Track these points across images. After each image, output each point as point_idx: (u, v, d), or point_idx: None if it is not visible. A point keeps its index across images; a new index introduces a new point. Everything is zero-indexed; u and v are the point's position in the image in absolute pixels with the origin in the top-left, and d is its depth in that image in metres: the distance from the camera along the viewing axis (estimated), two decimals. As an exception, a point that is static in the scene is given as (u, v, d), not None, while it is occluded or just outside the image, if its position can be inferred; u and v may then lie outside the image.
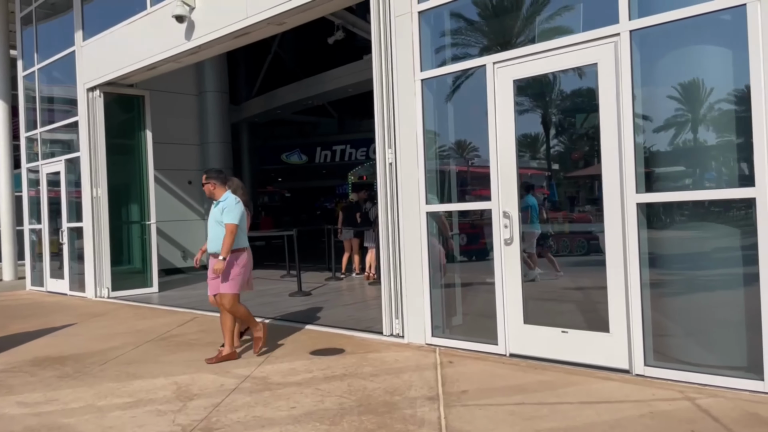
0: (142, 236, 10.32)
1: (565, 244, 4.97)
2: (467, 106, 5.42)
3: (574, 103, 4.73)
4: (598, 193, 4.32)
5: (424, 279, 5.36)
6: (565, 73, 4.51)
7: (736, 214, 3.92)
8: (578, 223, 4.85)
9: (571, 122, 4.79)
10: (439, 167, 5.62)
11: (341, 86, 21.24)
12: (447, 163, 5.72)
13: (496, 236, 4.81)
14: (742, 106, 3.75)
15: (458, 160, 5.66)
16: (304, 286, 9.94)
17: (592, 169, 4.49)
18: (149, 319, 7.54)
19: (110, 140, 10.00)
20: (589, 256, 4.72)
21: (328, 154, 33.50)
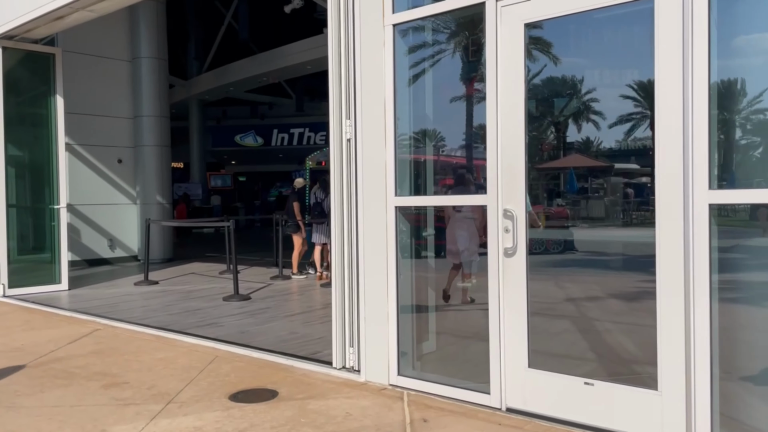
0: (50, 223, 8.61)
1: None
2: (456, 63, 4.04)
3: (610, 60, 3.39)
4: (647, 190, 3.01)
5: (389, 296, 3.97)
6: (601, 13, 3.15)
7: None
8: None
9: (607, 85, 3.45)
10: (414, 147, 4.22)
11: (299, 62, 19.61)
12: (424, 142, 4.33)
13: (492, 244, 3.45)
14: None
15: (439, 139, 4.28)
16: (246, 285, 8.45)
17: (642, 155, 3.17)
18: (38, 329, 5.94)
19: (11, 106, 8.24)
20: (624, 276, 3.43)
21: (285, 137, 31.74)
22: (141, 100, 12.30)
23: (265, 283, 8.97)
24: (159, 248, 12.29)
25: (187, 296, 7.90)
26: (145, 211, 12.23)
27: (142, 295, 8.10)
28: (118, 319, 6.30)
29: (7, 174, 8.13)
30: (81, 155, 11.74)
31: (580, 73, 3.58)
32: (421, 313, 4.40)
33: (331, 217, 8.84)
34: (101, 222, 12.00)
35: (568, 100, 3.80)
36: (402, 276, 4.06)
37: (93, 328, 5.93)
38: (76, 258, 11.60)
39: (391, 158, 3.94)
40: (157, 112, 12.39)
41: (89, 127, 11.78)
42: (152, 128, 12.36)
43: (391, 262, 3.95)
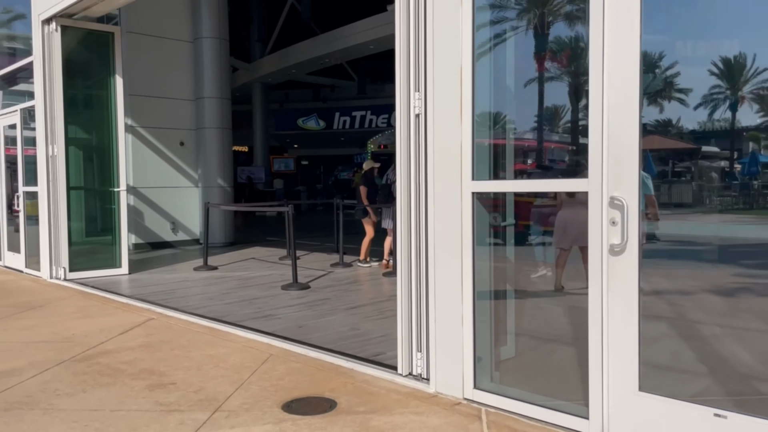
0: (111, 206, 8.50)
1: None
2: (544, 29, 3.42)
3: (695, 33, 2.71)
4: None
5: (464, 295, 3.42)
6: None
7: None
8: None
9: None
10: (494, 125, 3.63)
11: (362, 42, 19.10)
12: (501, 120, 3.74)
13: (594, 239, 2.84)
14: None
15: (526, 114, 3.68)
16: (306, 273, 8.10)
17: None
18: (92, 317, 5.73)
19: (72, 88, 8.12)
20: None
21: (347, 120, 31.43)
22: (202, 81, 12.12)
23: (325, 270, 8.59)
24: (220, 232, 12.16)
25: (245, 283, 7.60)
26: (206, 194, 12.10)
27: (199, 281, 7.87)
28: (172, 308, 6.03)
29: (68, 156, 8.03)
30: (144, 137, 11.69)
31: (663, 47, 2.96)
32: (498, 312, 3.84)
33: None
34: (164, 205, 11.96)
35: (652, 78, 3.21)
36: (477, 272, 3.51)
37: (146, 318, 5.67)
38: (140, 241, 11.62)
39: (468, 136, 3.36)
40: (218, 94, 12.18)
41: (152, 110, 11.71)
42: (213, 110, 12.17)
43: (466, 256, 3.39)
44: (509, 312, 4.01)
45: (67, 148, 8.04)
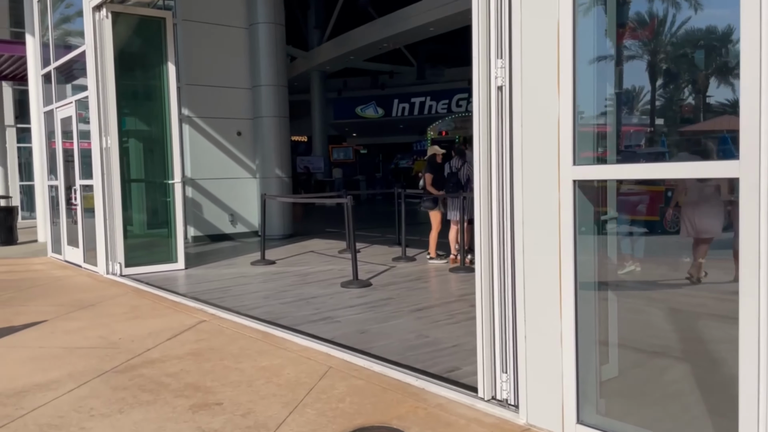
0: (166, 199, 8.23)
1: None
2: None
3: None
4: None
5: (564, 307, 2.78)
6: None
7: None
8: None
9: None
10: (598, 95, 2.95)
11: (421, 24, 18.41)
12: (610, 93, 3.04)
13: (748, 236, 2.14)
14: None
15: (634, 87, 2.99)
16: (367, 267, 7.58)
17: None
18: (142, 318, 5.38)
19: (124, 77, 7.86)
20: None
21: (406, 107, 30.77)
22: (259, 68, 11.76)
23: (386, 265, 8.04)
24: (279, 224, 11.83)
25: (303, 280, 7.14)
26: (264, 185, 11.78)
27: (256, 277, 7.47)
28: (226, 308, 5.62)
29: (121, 148, 7.78)
30: (201, 128, 11.45)
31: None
32: (600, 324, 3.16)
33: (468, 189, 7.71)
34: (222, 197, 11.72)
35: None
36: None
37: (198, 319, 5.27)
38: (198, 233, 11.43)
39: (567, 111, 2.70)
40: (274, 81, 11.79)
41: (208, 99, 11.45)
42: (270, 98, 11.79)
43: (566, 258, 2.74)
44: (611, 320, 3.33)
45: (121, 140, 7.80)
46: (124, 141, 7.99)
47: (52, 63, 9.31)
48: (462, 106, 29.17)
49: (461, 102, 29.39)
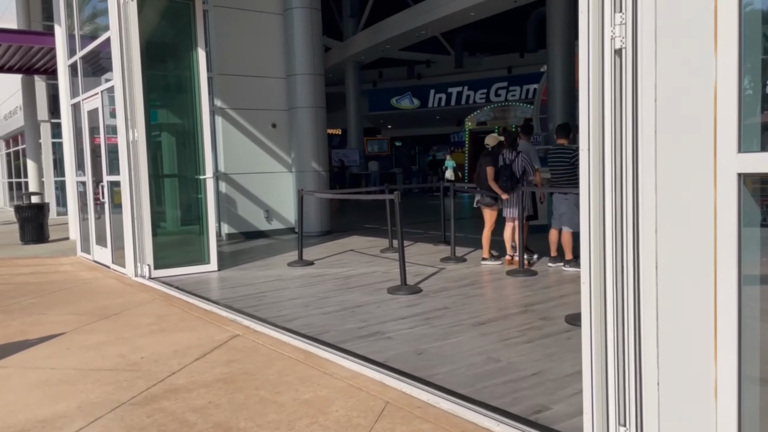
0: (197, 195, 7.67)
1: None
2: None
3: None
4: None
5: (721, 345, 2.02)
6: None
7: None
8: None
9: None
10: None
11: (461, 9, 17.57)
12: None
13: None
14: None
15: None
16: (413, 270, 6.89)
17: None
18: (168, 332, 4.79)
19: (151, 66, 7.31)
20: None
21: (443, 97, 29.95)
22: (294, 56, 11.13)
23: (435, 267, 7.33)
24: (316, 220, 11.22)
25: (345, 284, 6.49)
26: (300, 179, 11.18)
27: (294, 280, 6.85)
28: (261, 320, 4.99)
29: (150, 142, 7.23)
30: (234, 120, 10.89)
31: None
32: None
33: (525, 182, 6.93)
34: (257, 192, 11.16)
35: None
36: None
37: (231, 333, 4.65)
38: (233, 230, 10.90)
39: (731, 77, 1.94)
40: (310, 70, 11.15)
41: (241, 90, 10.89)
42: (306, 88, 11.16)
43: (726, 279, 1.99)
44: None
45: (149, 133, 7.25)
46: (153, 134, 7.45)
47: (78, 53, 8.83)
48: (501, 96, 28.20)
49: (500, 91, 28.42)
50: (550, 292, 5.76)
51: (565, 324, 4.56)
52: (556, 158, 6.84)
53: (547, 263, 7.11)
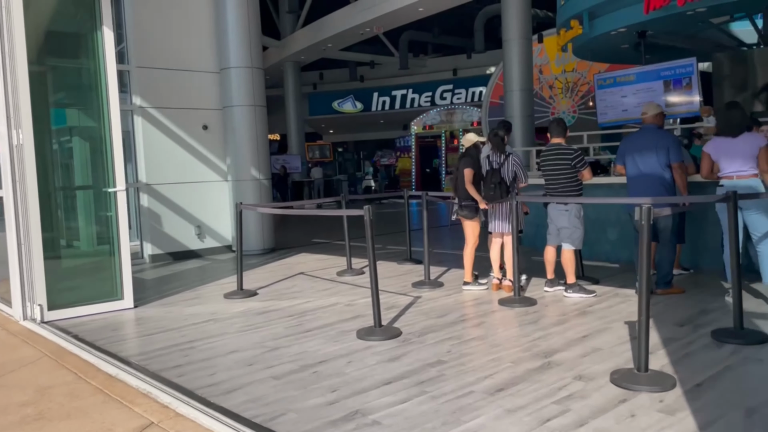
0: (106, 213, 6.07)
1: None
2: None
3: None
4: None
5: None
6: None
7: None
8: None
9: None
10: None
11: (409, 4, 16.44)
12: None
13: None
14: None
15: None
16: (381, 297, 5.50)
17: None
18: (48, 421, 3.26)
19: (43, 53, 5.71)
20: None
21: (387, 100, 28.83)
22: (227, 46, 9.61)
23: (407, 294, 6.02)
24: (257, 237, 9.73)
25: (300, 324, 5.08)
26: (238, 190, 9.66)
27: (233, 320, 5.38)
28: (188, 393, 3.53)
29: (43, 146, 5.60)
30: (157, 121, 9.26)
31: None
32: None
33: (515, 190, 5.68)
34: (186, 205, 9.54)
35: None
36: None
37: (141, 423, 3.17)
38: (158, 251, 9.25)
39: None
40: (247, 62, 9.66)
41: (165, 85, 9.28)
42: (243, 83, 9.65)
43: None
44: None
45: (43, 136, 5.62)
46: (48, 137, 5.80)
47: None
48: (446, 99, 27.34)
49: (446, 94, 27.57)
50: (564, 330, 4.55)
51: (612, 386, 3.34)
52: (553, 160, 5.66)
53: (544, 288, 5.93)
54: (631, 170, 5.50)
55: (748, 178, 4.79)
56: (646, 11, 7.84)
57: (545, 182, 5.82)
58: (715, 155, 4.92)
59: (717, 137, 4.96)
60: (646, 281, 3.32)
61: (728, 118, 4.84)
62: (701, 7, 7.46)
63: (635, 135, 5.62)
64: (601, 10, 8.78)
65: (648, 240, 3.35)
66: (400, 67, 24.99)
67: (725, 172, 4.89)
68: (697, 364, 3.66)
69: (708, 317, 4.70)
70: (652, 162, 5.31)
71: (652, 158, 5.30)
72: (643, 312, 3.34)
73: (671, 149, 5.24)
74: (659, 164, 5.29)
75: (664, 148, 5.25)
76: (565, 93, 19.80)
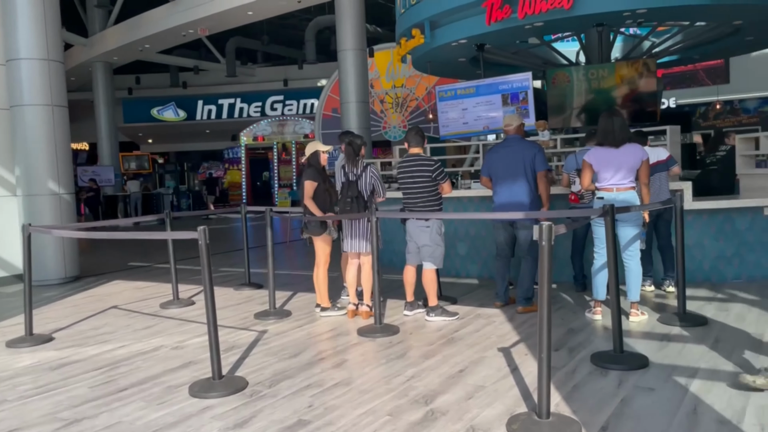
0: None
1: None
2: None
3: None
4: None
5: None
6: None
7: None
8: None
9: None
10: None
11: (238, 6, 15.42)
12: None
13: None
14: None
15: None
16: (220, 332, 4.54)
17: None
18: None
19: None
20: None
21: (213, 109, 27.13)
22: (15, 33, 7.89)
23: (250, 328, 5.10)
24: (57, 263, 8.08)
25: (112, 380, 3.94)
26: (31, 206, 7.94)
27: (15, 380, 4.05)
28: None
29: None
30: None
31: None
32: None
33: (373, 204, 4.95)
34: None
35: None
36: None
37: None
38: None
39: None
40: (42, 53, 8.01)
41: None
42: (36, 78, 7.97)
43: None
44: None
45: None
46: None
47: None
48: (277, 109, 26.44)
49: (276, 105, 26.65)
50: (438, 364, 3.99)
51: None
52: (412, 173, 5.15)
53: (403, 311, 5.37)
54: (497, 181, 5.25)
55: (626, 191, 4.65)
56: (488, 22, 7.77)
57: (403, 196, 5.29)
58: (596, 166, 4.73)
59: (598, 147, 4.77)
60: (547, 318, 2.85)
61: (609, 127, 4.68)
62: (539, 21, 7.54)
63: (500, 146, 5.35)
64: (443, 19, 8.62)
65: (549, 262, 2.88)
66: (228, 74, 23.57)
67: (605, 184, 4.72)
68: (590, 400, 3.28)
69: (578, 338, 4.45)
70: (519, 172, 5.10)
71: (519, 168, 5.10)
72: (544, 349, 2.85)
73: (537, 158, 5.05)
74: (525, 174, 5.09)
75: (530, 158, 5.05)
76: (396, 108, 20.02)
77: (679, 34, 9.96)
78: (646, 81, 8.46)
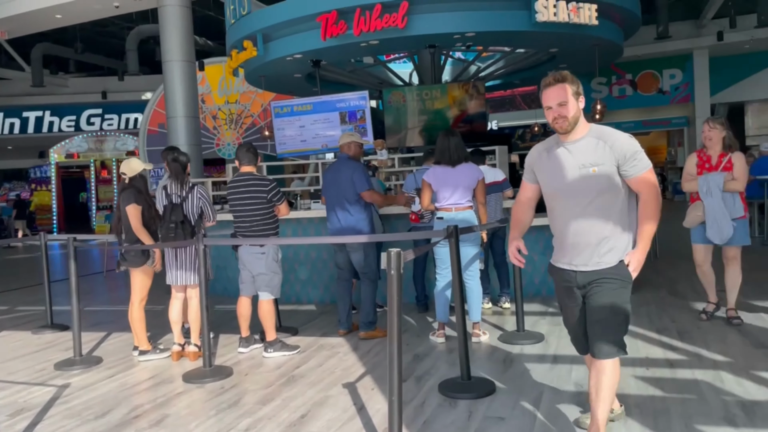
0: None
1: None
2: None
3: None
4: None
5: None
6: None
7: None
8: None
9: None
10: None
11: (44, 7, 13.70)
12: None
13: None
14: None
15: None
16: (6, 390, 3.69)
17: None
18: None
19: None
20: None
21: (17, 122, 24.06)
22: None
23: (48, 384, 4.23)
24: None
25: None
26: None
27: None
28: None
29: None
30: None
31: None
32: None
33: (201, 230, 4.40)
34: None
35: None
36: None
37: None
38: None
39: None
40: None
41: None
42: None
43: None
44: None
45: None
46: None
47: None
48: (95, 124, 24.11)
49: (94, 119, 24.31)
50: (277, 410, 3.54)
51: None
52: (244, 193, 4.67)
53: (238, 348, 4.83)
54: (328, 203, 5.03)
55: (465, 210, 4.57)
56: (323, 37, 7.54)
57: (234, 219, 4.78)
58: (435, 185, 4.60)
59: (436, 166, 4.65)
60: (397, 358, 2.55)
61: (445, 146, 4.59)
62: (374, 39, 7.47)
63: (332, 166, 5.11)
64: (276, 33, 8.24)
65: (399, 291, 2.60)
66: (33, 84, 20.98)
67: (444, 204, 4.60)
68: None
69: (424, 365, 4.26)
70: (344, 194, 4.91)
71: (345, 190, 4.90)
72: (395, 391, 2.55)
73: (354, 178, 4.85)
74: (350, 195, 4.88)
75: (352, 178, 4.84)
76: (230, 124, 19.16)
77: (502, 60, 10.56)
78: (475, 102, 8.78)
